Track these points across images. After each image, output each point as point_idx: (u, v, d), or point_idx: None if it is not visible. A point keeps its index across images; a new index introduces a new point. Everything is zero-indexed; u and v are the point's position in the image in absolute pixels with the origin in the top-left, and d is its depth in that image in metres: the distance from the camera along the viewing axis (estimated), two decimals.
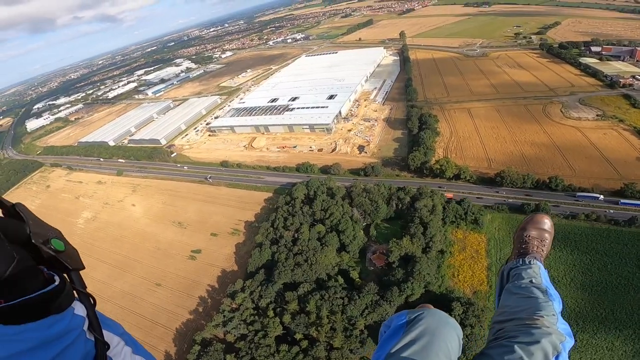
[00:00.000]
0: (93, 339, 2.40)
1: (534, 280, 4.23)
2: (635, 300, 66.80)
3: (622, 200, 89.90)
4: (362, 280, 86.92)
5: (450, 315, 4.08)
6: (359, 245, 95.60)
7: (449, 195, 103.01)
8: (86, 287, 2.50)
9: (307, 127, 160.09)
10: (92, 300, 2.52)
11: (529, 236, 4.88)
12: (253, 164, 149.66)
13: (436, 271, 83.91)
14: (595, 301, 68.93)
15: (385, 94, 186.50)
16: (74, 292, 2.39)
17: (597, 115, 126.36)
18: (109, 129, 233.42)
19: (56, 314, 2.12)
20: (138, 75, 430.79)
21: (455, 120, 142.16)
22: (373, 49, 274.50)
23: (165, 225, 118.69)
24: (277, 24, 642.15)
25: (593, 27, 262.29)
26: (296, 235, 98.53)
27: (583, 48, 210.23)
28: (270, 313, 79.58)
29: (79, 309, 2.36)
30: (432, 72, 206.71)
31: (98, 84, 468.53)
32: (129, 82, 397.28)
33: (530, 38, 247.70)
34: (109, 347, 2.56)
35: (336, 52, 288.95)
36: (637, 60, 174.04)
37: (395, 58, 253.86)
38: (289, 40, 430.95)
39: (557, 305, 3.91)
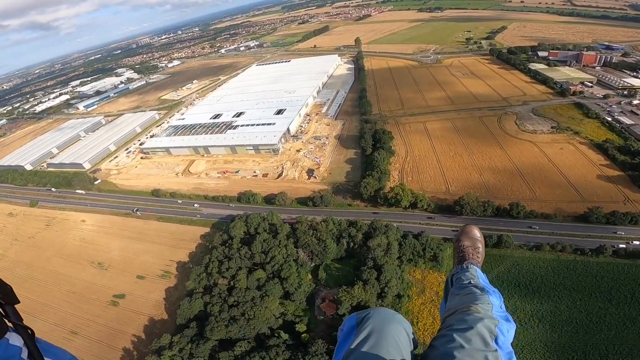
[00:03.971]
0: None
1: (472, 281, 4.58)
2: (609, 339, 61.46)
3: None
4: (311, 333, 75.09)
5: None
6: (305, 293, 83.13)
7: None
8: (22, 320, 2.62)
9: (252, 148, 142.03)
10: (29, 332, 2.63)
11: (464, 246, 5.35)
12: (189, 192, 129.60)
13: None
14: (566, 343, 62.71)
15: (338, 107, 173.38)
16: (10, 324, 2.52)
17: (551, 127, 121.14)
18: (28, 150, 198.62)
19: None
20: (72, 87, 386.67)
21: (410, 136, 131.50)
22: (327, 57, 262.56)
23: (82, 266, 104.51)
24: (232, 31, 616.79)
25: (537, 31, 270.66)
26: (232, 283, 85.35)
27: (530, 53, 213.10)
28: None
29: (14, 339, 2.49)
30: (387, 82, 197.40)
31: (28, 95, 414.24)
32: (60, 94, 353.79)
33: (480, 43, 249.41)
34: None
35: (289, 61, 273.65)
36: (584, 65, 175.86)
37: (350, 66, 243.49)
38: (241, 48, 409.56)
39: (493, 298, 4.09)
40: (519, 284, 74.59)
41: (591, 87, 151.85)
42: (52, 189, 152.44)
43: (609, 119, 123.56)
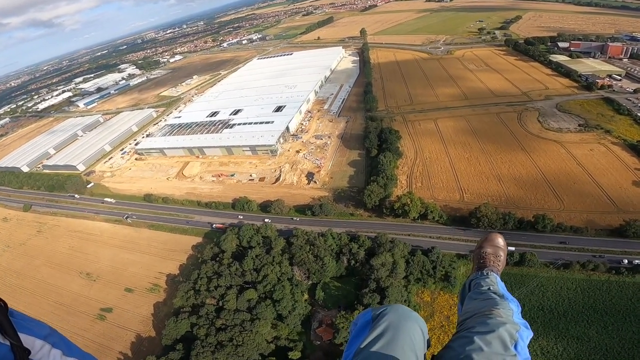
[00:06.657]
0: (8, 343, 2.28)
1: (491, 288, 4.50)
2: None
3: None
4: None
5: None
6: (300, 316, 76.17)
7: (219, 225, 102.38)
8: None
9: (248, 149, 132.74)
10: (1, 304, 2.44)
11: (486, 252, 5.17)
12: (182, 198, 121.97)
13: None
14: None
15: (342, 103, 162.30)
16: None
17: (579, 125, 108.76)
18: (25, 151, 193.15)
19: None
20: (75, 84, 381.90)
21: (420, 136, 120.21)
22: (331, 49, 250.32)
23: (71, 277, 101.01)
24: (236, 24, 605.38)
25: (554, 22, 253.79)
26: (221, 304, 78.92)
27: (550, 44, 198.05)
28: None
29: None
30: (394, 75, 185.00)
31: (33, 93, 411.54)
32: (63, 92, 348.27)
33: (494, 34, 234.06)
34: (29, 352, 2.39)
35: (291, 54, 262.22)
36: (610, 57, 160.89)
37: (355, 58, 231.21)
38: (244, 42, 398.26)
39: (513, 305, 4.08)
40: (543, 308, 66.50)
41: (620, 80, 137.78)
42: (76, 195, 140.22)
43: None
